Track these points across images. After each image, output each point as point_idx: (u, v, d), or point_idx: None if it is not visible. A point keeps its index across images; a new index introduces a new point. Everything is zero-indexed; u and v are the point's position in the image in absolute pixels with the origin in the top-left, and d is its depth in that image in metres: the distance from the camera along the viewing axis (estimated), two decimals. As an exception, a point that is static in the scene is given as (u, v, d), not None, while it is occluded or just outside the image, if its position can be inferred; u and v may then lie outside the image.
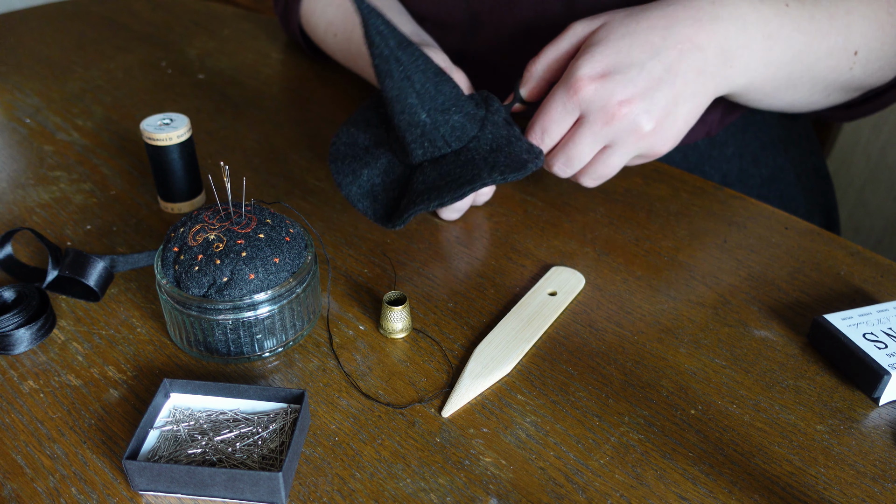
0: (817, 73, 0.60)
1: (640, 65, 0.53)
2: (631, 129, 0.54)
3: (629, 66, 0.53)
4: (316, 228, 0.62)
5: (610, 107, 0.53)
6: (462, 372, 0.48)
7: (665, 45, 0.53)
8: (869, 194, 1.49)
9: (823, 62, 0.60)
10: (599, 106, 0.53)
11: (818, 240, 0.61)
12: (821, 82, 0.62)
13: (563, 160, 0.57)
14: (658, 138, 0.55)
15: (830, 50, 0.59)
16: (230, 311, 0.46)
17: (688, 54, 0.54)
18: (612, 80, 0.53)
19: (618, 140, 0.55)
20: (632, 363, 0.49)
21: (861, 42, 0.60)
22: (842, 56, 0.60)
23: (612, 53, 0.53)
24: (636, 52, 0.53)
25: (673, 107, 0.54)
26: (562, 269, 0.57)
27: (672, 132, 0.55)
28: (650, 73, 0.53)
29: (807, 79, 0.61)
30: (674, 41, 0.53)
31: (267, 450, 0.42)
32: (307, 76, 0.88)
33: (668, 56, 0.53)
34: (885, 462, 0.43)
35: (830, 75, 0.61)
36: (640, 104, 0.53)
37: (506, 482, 0.42)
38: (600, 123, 0.54)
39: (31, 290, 0.51)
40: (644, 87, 0.53)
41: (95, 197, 0.66)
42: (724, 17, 0.55)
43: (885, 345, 0.47)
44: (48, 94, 0.83)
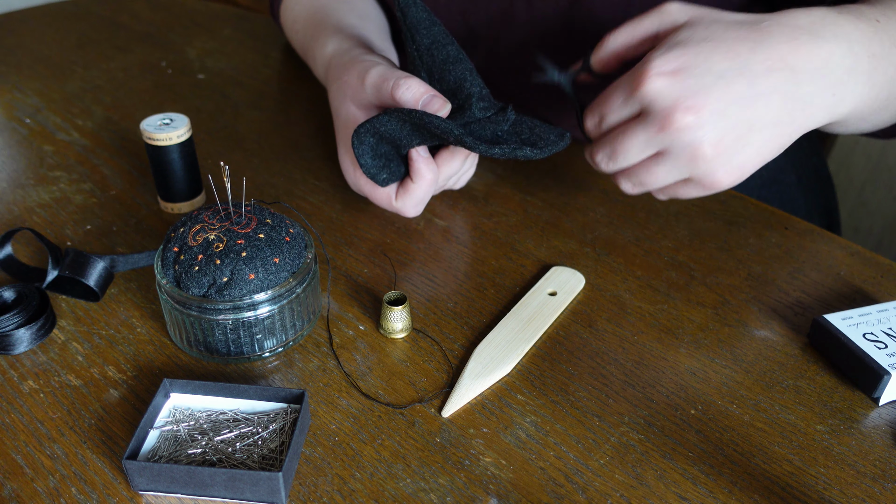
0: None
1: (720, 74, 0.47)
2: (688, 144, 0.47)
3: (706, 71, 0.47)
4: (316, 228, 0.62)
5: (674, 110, 0.47)
6: (462, 372, 0.48)
7: (752, 59, 0.47)
8: (869, 194, 1.49)
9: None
10: (662, 106, 0.47)
11: (818, 240, 0.61)
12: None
13: (608, 152, 0.52)
14: (718, 165, 0.48)
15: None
16: (230, 311, 0.46)
17: (776, 74, 0.47)
18: (685, 81, 0.47)
19: (672, 151, 0.49)
20: (632, 363, 0.49)
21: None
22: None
23: (692, 55, 0.47)
24: (717, 59, 0.47)
25: (745, 132, 0.47)
26: (562, 269, 0.57)
27: (737, 162, 0.48)
28: (728, 85, 0.47)
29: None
30: (763, 56, 0.47)
31: (267, 450, 0.42)
32: (307, 76, 0.88)
33: (752, 71, 0.47)
34: (885, 462, 0.43)
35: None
36: (707, 116, 0.47)
37: (506, 482, 0.42)
38: (657, 126, 0.48)
39: (31, 290, 0.51)
40: (718, 98, 0.46)
41: (95, 197, 0.66)
42: (826, 36, 0.48)
43: (885, 345, 0.47)
44: (48, 94, 0.83)
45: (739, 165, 0.49)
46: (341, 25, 0.68)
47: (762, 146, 0.48)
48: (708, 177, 0.49)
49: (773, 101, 0.47)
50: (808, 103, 0.48)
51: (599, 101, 0.52)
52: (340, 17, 0.71)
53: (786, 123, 0.48)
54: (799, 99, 0.48)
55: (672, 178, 0.51)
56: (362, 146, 0.54)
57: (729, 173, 0.49)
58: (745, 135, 0.48)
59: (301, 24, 0.76)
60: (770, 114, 0.47)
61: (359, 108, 0.58)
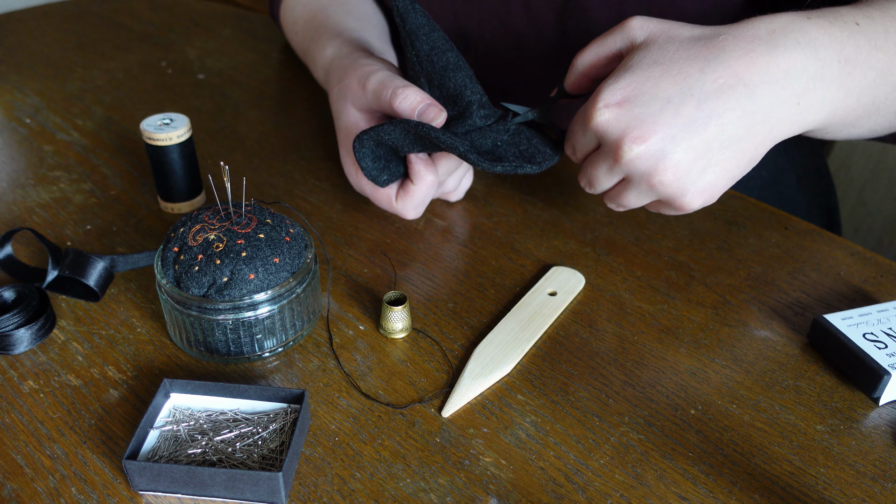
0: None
1: (667, 99, 0.46)
2: (644, 173, 0.47)
3: (653, 98, 0.46)
4: (316, 228, 0.62)
5: (622, 142, 0.47)
6: (462, 372, 0.48)
7: (702, 80, 0.46)
8: (869, 194, 1.49)
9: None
10: (612, 138, 0.47)
11: (818, 240, 0.61)
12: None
13: (585, 181, 0.53)
14: (681, 190, 0.47)
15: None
16: (230, 311, 0.46)
17: (728, 92, 0.46)
18: (630, 112, 0.46)
19: (632, 180, 0.49)
20: (632, 363, 0.49)
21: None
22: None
23: (639, 82, 0.47)
24: (665, 84, 0.46)
25: (703, 153, 0.46)
26: (562, 269, 0.57)
27: (701, 184, 0.47)
28: (677, 110, 0.46)
29: (892, 100, 0.52)
30: (714, 75, 0.46)
31: (267, 450, 0.42)
32: (307, 76, 0.88)
33: (702, 91, 0.46)
34: (885, 462, 0.43)
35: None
36: (658, 145, 0.46)
37: (506, 482, 0.42)
38: (611, 157, 0.48)
39: (31, 290, 0.51)
40: (666, 125, 0.46)
41: (95, 197, 0.66)
42: (787, 44, 0.46)
43: (885, 345, 0.47)
44: (48, 94, 0.83)
45: (708, 187, 0.48)
46: (340, 28, 0.68)
47: (727, 164, 0.47)
48: (676, 200, 0.48)
49: (729, 119, 0.46)
50: (769, 116, 0.47)
51: (569, 133, 0.53)
52: (340, 19, 0.71)
53: (747, 139, 0.47)
54: (758, 112, 0.46)
55: (643, 201, 0.51)
56: (363, 149, 0.54)
57: (698, 195, 0.48)
58: (704, 156, 0.47)
59: (301, 25, 0.76)
60: (727, 132, 0.46)
61: (360, 111, 0.58)
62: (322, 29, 0.70)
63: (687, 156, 0.46)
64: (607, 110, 0.47)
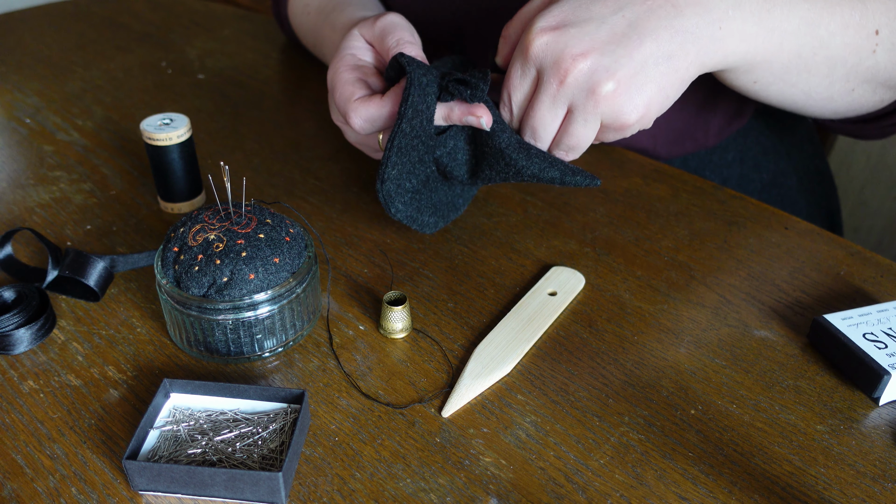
0: (834, 51, 0.54)
1: (601, 19, 0.48)
2: (588, 88, 0.48)
3: (588, 19, 0.48)
4: (316, 228, 0.62)
5: (563, 60, 0.48)
6: (462, 372, 0.48)
7: (632, 2, 0.48)
8: (869, 194, 1.49)
9: (839, 38, 0.54)
10: (552, 60, 0.48)
11: (818, 240, 0.61)
12: (840, 65, 0.55)
13: (529, 132, 0.53)
14: (622, 102, 0.49)
15: (846, 24, 0.53)
16: (230, 311, 0.46)
17: (658, 10, 0.48)
18: (567, 32, 0.48)
19: (577, 102, 0.49)
20: (632, 363, 0.49)
21: (882, 21, 0.54)
22: (860, 33, 0.54)
23: (571, 9, 0.49)
24: (597, 8, 0.48)
25: (640, 67, 0.48)
26: (562, 269, 0.57)
27: (641, 98, 0.49)
28: (612, 28, 0.48)
29: (821, 58, 0.54)
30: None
31: (267, 450, 0.42)
32: (307, 76, 0.88)
33: (633, 11, 0.48)
34: (885, 462, 0.43)
35: (851, 57, 0.55)
36: (598, 58, 0.48)
37: (506, 482, 0.42)
38: (555, 82, 0.49)
39: (31, 290, 0.51)
40: (603, 41, 0.48)
41: (95, 197, 0.66)
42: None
43: (885, 345, 0.47)
44: (48, 94, 0.83)
45: (645, 103, 0.49)
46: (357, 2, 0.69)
47: (662, 81, 0.49)
48: (618, 117, 0.49)
49: (661, 36, 0.48)
50: (697, 35, 0.49)
51: (504, 86, 0.53)
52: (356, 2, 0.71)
53: (680, 56, 0.49)
54: (687, 31, 0.48)
55: (589, 130, 0.51)
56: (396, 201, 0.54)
57: (635, 109, 0.49)
58: (641, 71, 0.48)
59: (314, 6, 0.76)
60: (661, 48, 0.48)
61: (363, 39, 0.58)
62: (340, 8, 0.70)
63: (628, 69, 0.48)
64: (545, 34, 0.48)
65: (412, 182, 0.54)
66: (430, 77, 0.52)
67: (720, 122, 0.74)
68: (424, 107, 0.51)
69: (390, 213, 0.54)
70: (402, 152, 0.52)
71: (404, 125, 0.51)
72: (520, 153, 0.52)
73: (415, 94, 0.51)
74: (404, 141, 0.51)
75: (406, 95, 0.50)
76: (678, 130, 0.73)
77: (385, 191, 0.53)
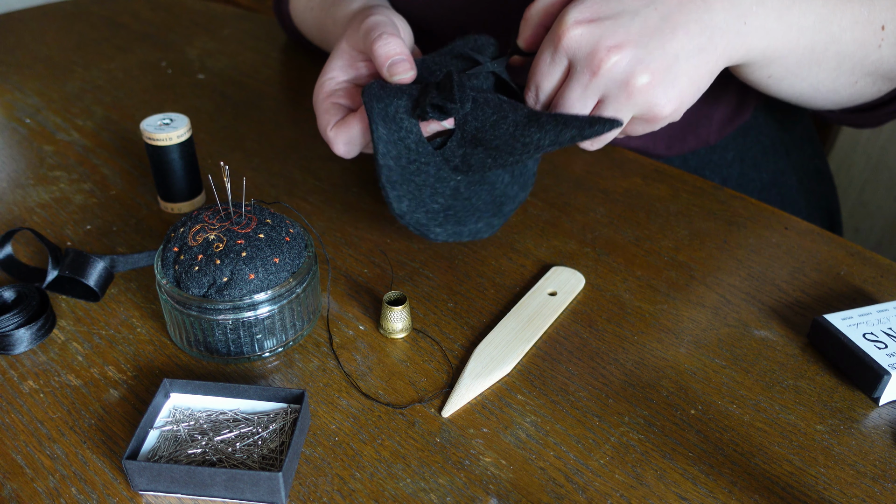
0: (843, 46, 0.55)
1: (634, 12, 0.48)
2: (622, 80, 0.48)
3: (621, 12, 0.48)
4: (316, 228, 0.62)
5: (598, 52, 0.48)
6: (462, 372, 0.48)
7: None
8: (869, 194, 1.49)
9: (849, 34, 0.55)
10: (586, 52, 0.48)
11: (818, 240, 0.61)
12: (847, 59, 0.57)
13: None
14: (657, 94, 0.49)
15: (855, 20, 0.55)
16: (230, 311, 0.46)
17: (689, 4, 0.49)
18: (601, 24, 0.48)
19: (610, 94, 0.49)
20: (632, 363, 0.49)
21: (887, 17, 0.56)
22: (868, 29, 0.55)
23: (604, 0, 0.49)
24: (629, 0, 0.49)
25: (673, 60, 0.48)
26: (562, 269, 0.57)
27: (674, 91, 0.49)
28: (645, 21, 0.48)
29: (832, 53, 0.56)
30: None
31: (267, 450, 0.42)
32: (307, 76, 0.88)
33: (665, 4, 0.48)
34: (885, 462, 0.43)
35: (858, 51, 0.56)
36: (632, 51, 0.48)
37: (506, 482, 0.42)
38: (588, 73, 0.49)
39: (31, 290, 0.51)
40: (637, 34, 0.48)
41: (95, 197, 0.66)
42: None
43: (885, 345, 0.47)
44: (48, 94, 0.83)
45: (678, 95, 0.50)
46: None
47: (694, 74, 0.49)
48: (651, 109, 0.50)
49: (692, 30, 0.48)
50: (725, 30, 0.49)
51: (531, 73, 0.53)
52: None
53: (709, 50, 0.49)
54: (716, 27, 0.49)
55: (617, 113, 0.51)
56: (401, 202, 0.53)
57: (669, 101, 0.49)
58: (674, 65, 0.49)
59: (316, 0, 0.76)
60: (692, 42, 0.49)
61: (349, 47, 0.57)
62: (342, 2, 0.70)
63: (661, 62, 0.48)
64: (579, 26, 0.48)
65: (438, 202, 0.53)
66: (400, 102, 0.51)
67: (723, 117, 0.74)
68: (403, 133, 0.51)
69: (431, 239, 0.54)
70: (403, 184, 0.51)
71: (382, 161, 0.50)
72: (530, 129, 0.50)
73: (380, 130, 0.50)
74: (394, 175, 0.51)
75: (372, 133, 0.50)
76: (682, 125, 0.73)
77: (413, 222, 0.52)
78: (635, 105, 0.50)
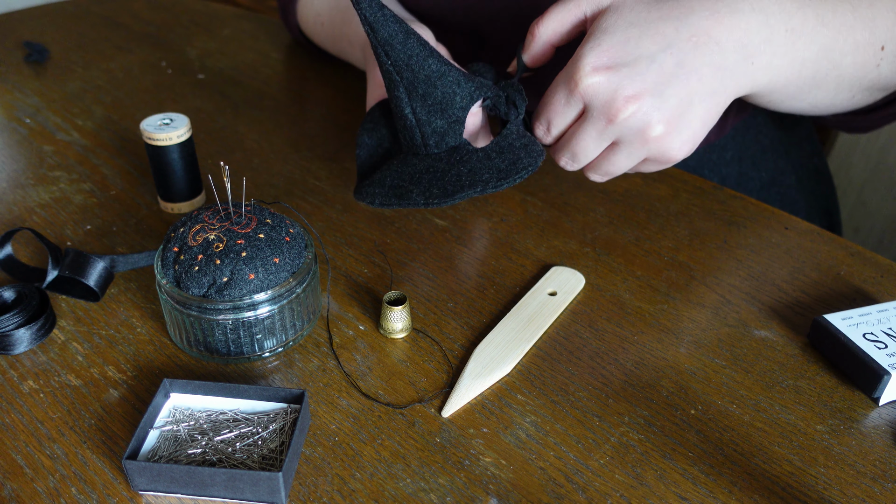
0: (844, 70, 0.56)
1: (651, 57, 0.48)
2: (638, 130, 0.49)
3: (637, 58, 0.48)
4: (316, 228, 0.62)
5: (615, 102, 0.48)
6: (462, 372, 0.48)
7: (678, 38, 0.49)
8: (869, 194, 1.49)
9: (850, 58, 0.56)
10: (603, 101, 0.49)
11: (818, 240, 0.61)
12: (846, 81, 0.58)
13: (569, 155, 0.53)
14: (670, 141, 0.50)
15: (856, 45, 0.55)
16: (230, 311, 0.46)
17: (703, 48, 0.49)
18: (619, 72, 0.48)
19: (624, 139, 0.51)
20: (632, 363, 0.49)
21: (887, 36, 0.56)
22: (868, 51, 0.56)
23: (620, 44, 0.49)
24: (646, 44, 0.49)
25: (687, 106, 0.49)
26: (562, 269, 0.57)
27: (687, 134, 0.51)
28: (661, 67, 0.48)
29: (832, 77, 0.56)
30: (688, 33, 0.49)
31: (267, 450, 0.42)
32: (307, 76, 0.88)
33: (681, 49, 0.49)
34: (885, 462, 0.43)
35: (857, 73, 0.57)
36: (650, 101, 0.48)
37: (506, 482, 0.42)
38: (604, 120, 0.49)
39: (31, 290, 0.51)
40: (654, 82, 0.48)
41: (95, 197, 0.66)
42: (744, 9, 0.50)
43: (885, 345, 0.47)
44: (48, 94, 0.83)
45: (690, 139, 0.51)
46: None
47: (706, 116, 0.51)
48: (664, 154, 0.51)
49: (705, 74, 0.49)
50: (734, 72, 0.50)
51: (543, 107, 0.53)
52: None
53: (720, 92, 0.50)
54: (727, 69, 0.50)
55: (632, 162, 0.53)
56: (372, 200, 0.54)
57: (683, 145, 0.51)
58: (688, 109, 0.50)
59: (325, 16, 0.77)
60: (704, 86, 0.50)
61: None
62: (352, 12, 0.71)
63: (676, 110, 0.49)
64: (596, 73, 0.49)
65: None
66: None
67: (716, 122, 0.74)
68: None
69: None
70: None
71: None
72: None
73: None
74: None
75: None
76: None
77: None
78: (649, 151, 0.51)
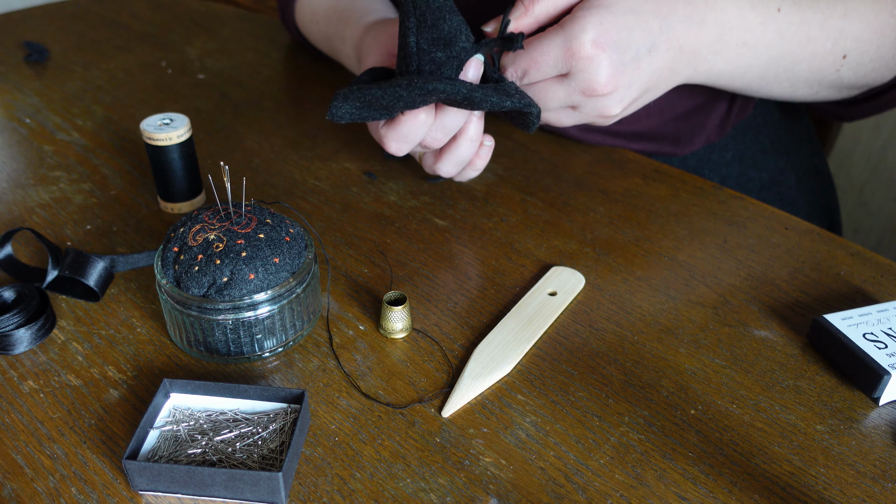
0: (797, 73, 0.61)
1: (636, 51, 0.53)
2: (598, 108, 0.55)
3: (627, 48, 0.52)
4: (316, 228, 0.62)
5: (597, 82, 0.52)
6: (462, 372, 0.48)
7: (660, 39, 0.53)
8: (869, 194, 1.49)
9: (805, 65, 0.60)
10: (590, 76, 0.52)
11: (818, 240, 0.61)
12: (802, 81, 0.62)
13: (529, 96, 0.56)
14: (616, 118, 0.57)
15: (814, 54, 0.59)
16: (230, 311, 0.46)
17: (671, 53, 0.54)
18: (611, 56, 0.52)
19: (584, 109, 0.55)
20: (632, 363, 0.49)
21: (853, 46, 0.60)
22: (827, 59, 0.60)
23: (619, 28, 0.52)
24: (636, 35, 0.52)
25: (642, 96, 0.56)
26: (562, 269, 0.57)
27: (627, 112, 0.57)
28: (639, 63, 0.53)
29: (784, 77, 0.61)
30: (666, 39, 0.54)
31: (267, 450, 0.42)
32: (307, 76, 0.88)
33: (658, 49, 0.54)
34: (885, 462, 0.43)
35: (814, 76, 0.61)
36: (622, 91, 0.54)
37: (506, 482, 0.42)
38: (580, 93, 0.53)
39: (31, 290, 0.51)
40: (630, 74, 0.53)
41: (95, 197, 0.66)
42: (708, 22, 0.55)
43: (885, 345, 0.47)
44: (48, 94, 0.83)
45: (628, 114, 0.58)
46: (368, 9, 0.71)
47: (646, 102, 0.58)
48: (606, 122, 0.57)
49: (664, 74, 0.56)
50: (678, 73, 0.57)
51: (524, 59, 0.54)
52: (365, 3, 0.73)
53: (663, 89, 0.58)
54: (677, 72, 0.57)
55: (573, 120, 0.58)
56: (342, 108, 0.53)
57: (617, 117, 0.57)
58: (641, 98, 0.57)
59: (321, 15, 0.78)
60: (661, 85, 0.57)
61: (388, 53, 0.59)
62: (348, 12, 0.72)
63: (633, 99, 0.55)
64: (595, 49, 0.51)
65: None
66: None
67: (724, 111, 0.74)
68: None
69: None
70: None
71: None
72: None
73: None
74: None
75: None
76: (689, 125, 0.73)
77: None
78: (595, 120, 0.57)
